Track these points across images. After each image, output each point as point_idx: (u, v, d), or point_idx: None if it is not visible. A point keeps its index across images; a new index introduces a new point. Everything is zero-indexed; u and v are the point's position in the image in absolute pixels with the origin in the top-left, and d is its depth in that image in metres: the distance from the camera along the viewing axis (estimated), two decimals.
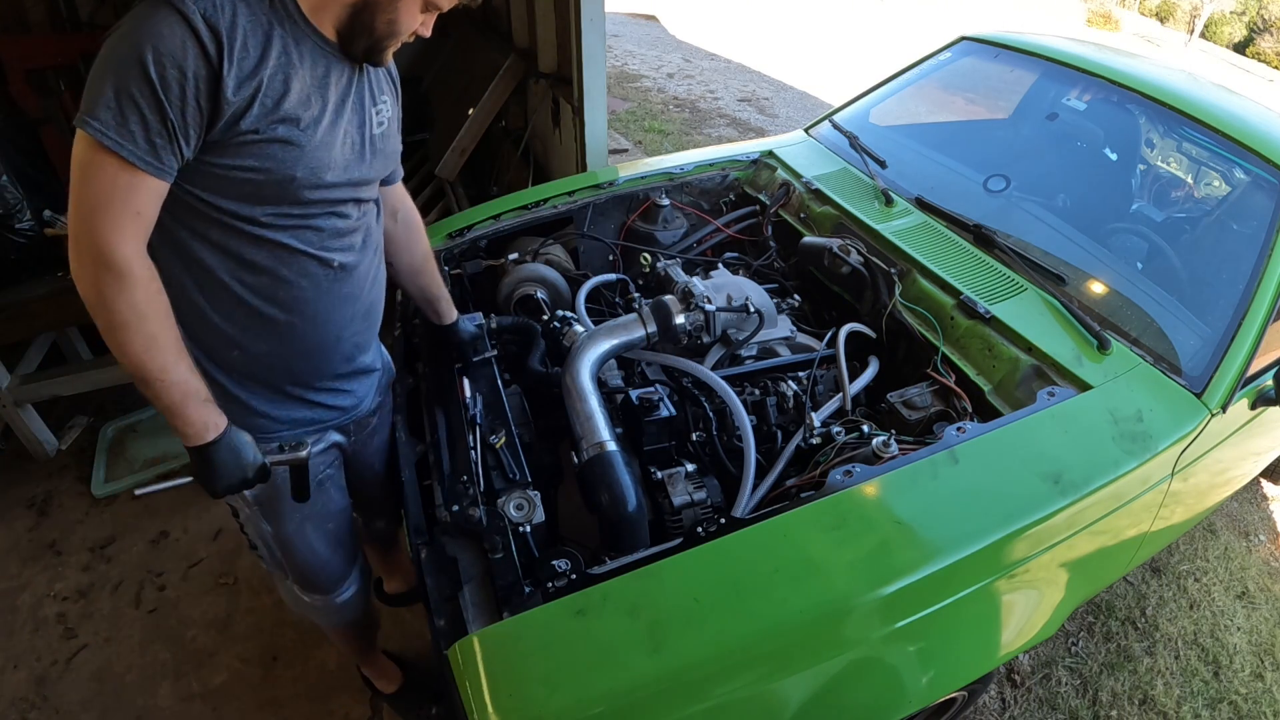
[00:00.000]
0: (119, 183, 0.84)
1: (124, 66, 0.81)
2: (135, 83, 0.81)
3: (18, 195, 2.13)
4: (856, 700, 1.11)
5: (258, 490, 1.13)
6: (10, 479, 2.32)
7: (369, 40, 0.97)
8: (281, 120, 0.92)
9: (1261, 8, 27.17)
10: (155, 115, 0.83)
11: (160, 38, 0.81)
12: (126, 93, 0.81)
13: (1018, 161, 2.11)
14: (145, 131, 0.83)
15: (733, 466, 1.36)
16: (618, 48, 8.01)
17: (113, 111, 0.82)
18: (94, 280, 0.87)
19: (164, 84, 0.82)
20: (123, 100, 0.82)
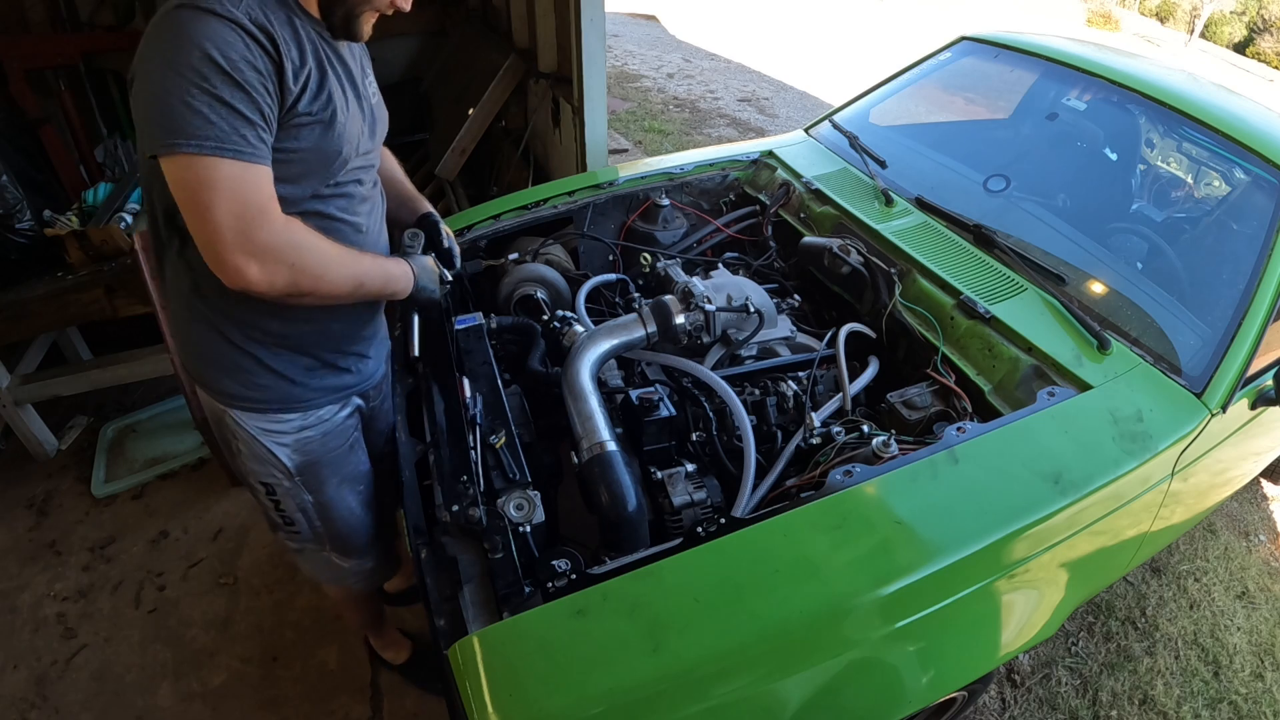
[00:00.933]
0: (247, 181, 0.89)
1: (200, 78, 0.84)
2: (222, 88, 0.85)
3: (18, 195, 2.13)
4: (856, 700, 1.11)
5: (299, 461, 1.22)
6: (10, 479, 2.33)
7: (344, 9, 1.00)
8: (325, 103, 0.99)
9: (1261, 8, 27.16)
10: (252, 110, 0.88)
11: (225, 43, 0.85)
12: (217, 99, 0.85)
13: (1018, 161, 2.11)
14: (250, 127, 0.88)
15: (733, 466, 1.36)
16: (618, 48, 8.00)
17: (212, 121, 0.85)
18: (284, 270, 0.93)
19: (248, 82, 0.87)
20: (216, 107, 0.85)
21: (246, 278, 0.91)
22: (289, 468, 1.23)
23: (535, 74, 2.95)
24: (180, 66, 0.84)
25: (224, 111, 0.86)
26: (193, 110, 0.84)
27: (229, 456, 1.25)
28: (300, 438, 1.21)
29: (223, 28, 0.85)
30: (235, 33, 0.86)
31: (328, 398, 1.22)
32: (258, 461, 1.21)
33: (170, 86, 0.84)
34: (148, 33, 0.88)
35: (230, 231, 0.88)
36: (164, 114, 0.85)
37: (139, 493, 2.28)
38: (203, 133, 0.85)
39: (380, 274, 1.12)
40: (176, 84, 0.84)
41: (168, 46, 0.85)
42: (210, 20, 0.85)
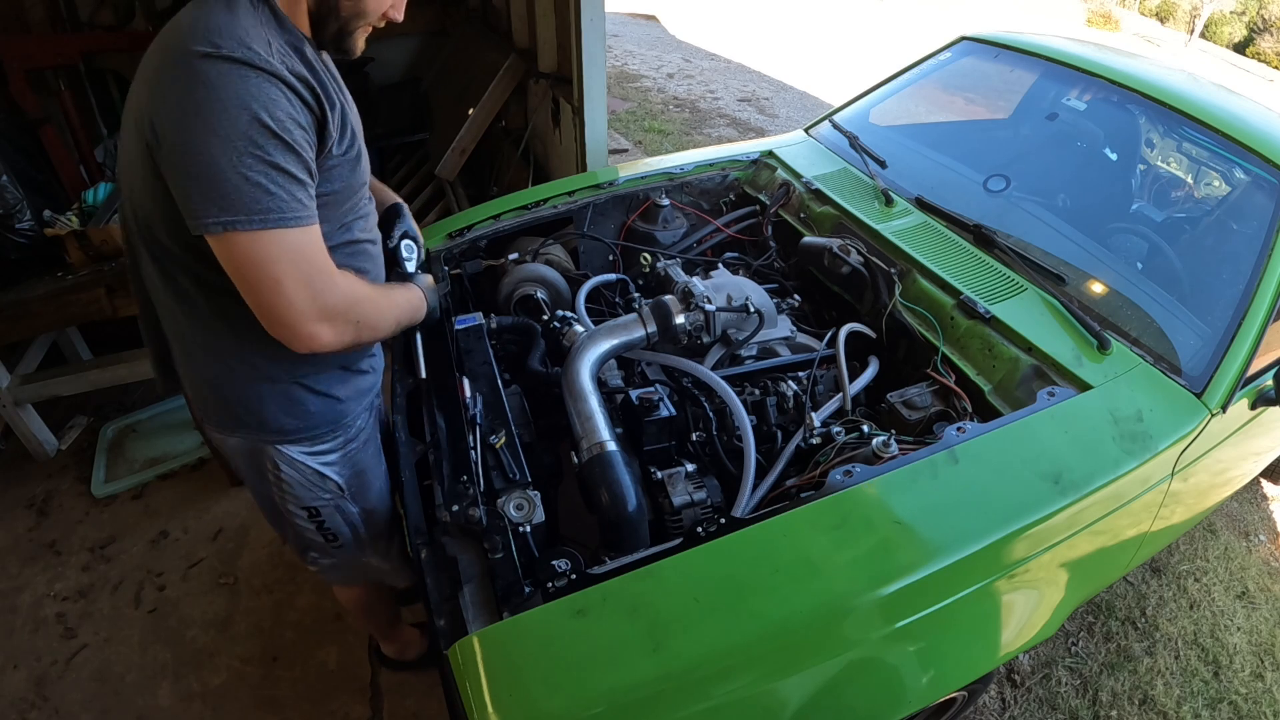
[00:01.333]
0: (310, 246, 0.87)
1: (253, 145, 0.80)
2: (276, 153, 0.82)
3: (18, 195, 2.13)
4: (856, 700, 1.11)
5: (349, 475, 1.23)
6: (10, 479, 2.33)
7: (336, 24, 0.96)
8: (351, 139, 0.98)
9: (1261, 8, 27.16)
10: (303, 171, 0.85)
11: (271, 102, 0.81)
12: (273, 166, 0.81)
13: (1018, 161, 2.11)
14: (303, 189, 0.86)
15: (733, 466, 1.36)
16: (618, 48, 8.00)
17: (272, 192, 0.82)
18: (351, 328, 0.95)
19: (296, 142, 0.84)
20: (274, 176, 0.81)
21: (321, 342, 0.90)
22: (341, 485, 1.23)
23: (535, 74, 2.95)
24: (229, 133, 0.79)
25: (281, 179, 0.82)
26: (250, 183, 0.80)
27: (267, 491, 1.22)
28: (347, 452, 1.22)
29: (267, 85, 0.81)
30: (279, 89, 0.82)
31: (359, 404, 1.22)
32: (307, 488, 1.19)
33: (220, 156, 0.79)
34: (172, 86, 0.80)
35: (303, 301, 0.87)
36: (217, 188, 0.79)
37: (139, 493, 2.28)
38: (265, 205, 0.81)
39: (409, 308, 1.14)
40: (227, 153, 0.79)
41: (209, 108, 0.78)
42: (251, 77, 0.80)
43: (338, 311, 0.91)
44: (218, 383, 1.07)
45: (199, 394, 1.12)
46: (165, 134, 0.81)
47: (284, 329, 0.88)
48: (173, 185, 0.83)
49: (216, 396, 1.09)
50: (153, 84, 0.83)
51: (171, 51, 0.82)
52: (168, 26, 0.86)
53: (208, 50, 0.79)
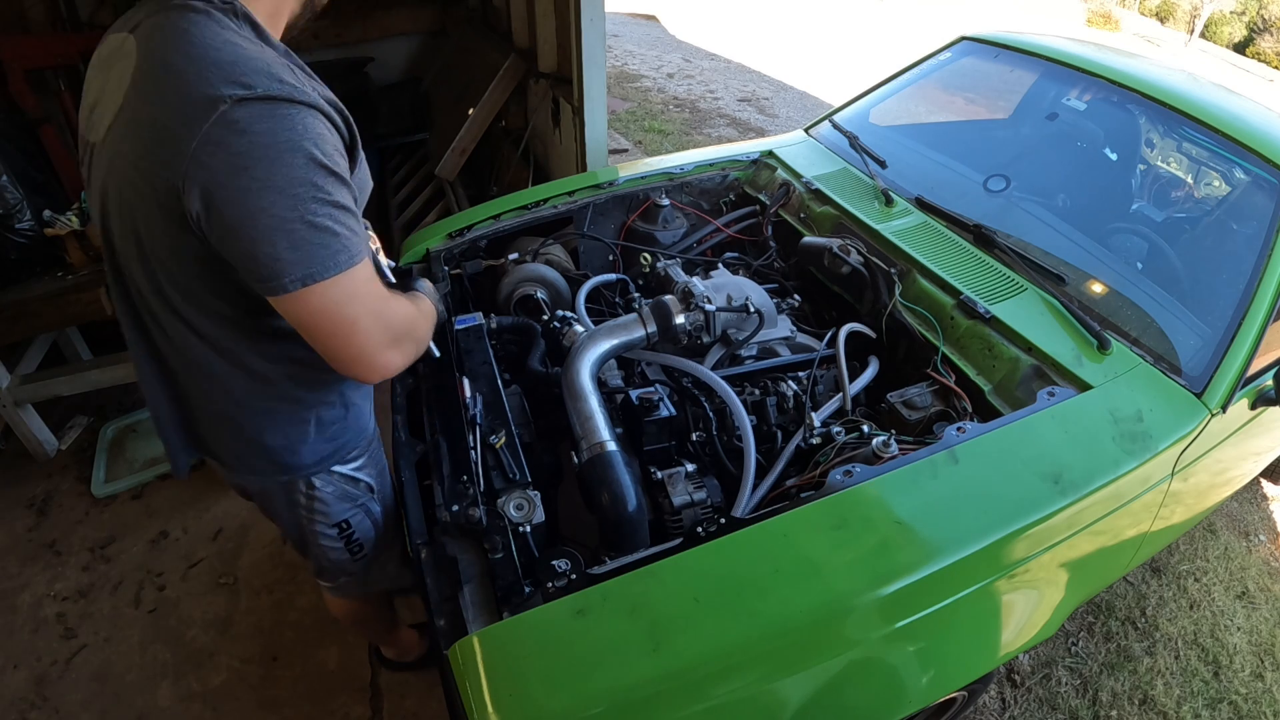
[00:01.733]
0: (370, 276, 0.84)
1: (313, 181, 0.76)
2: (333, 189, 0.78)
3: (18, 195, 2.13)
4: (856, 700, 1.11)
5: (375, 474, 1.23)
6: (10, 479, 2.33)
7: (298, 27, 0.96)
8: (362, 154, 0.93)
9: (1261, 8, 27.16)
10: (350, 199, 0.82)
11: (320, 137, 0.77)
12: (335, 204, 0.78)
13: (1018, 161, 2.11)
14: (356, 220, 0.82)
15: (733, 466, 1.36)
16: (618, 48, 8.00)
17: (339, 234, 0.78)
18: (412, 346, 0.95)
19: (343, 170, 0.81)
20: (335, 217, 0.78)
21: (393, 368, 0.89)
22: (372, 484, 1.23)
23: (535, 74, 2.95)
24: (288, 182, 0.74)
25: (342, 216, 0.79)
26: (319, 229, 0.76)
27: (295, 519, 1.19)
28: (372, 453, 1.22)
29: (310, 119, 0.77)
30: (319, 120, 0.78)
31: (367, 404, 1.21)
32: (340, 500, 1.18)
33: (286, 210, 0.74)
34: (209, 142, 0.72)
35: (378, 333, 0.85)
36: (288, 244, 0.75)
37: (139, 493, 2.28)
38: (335, 249, 0.78)
39: (434, 314, 1.11)
40: (292, 204, 0.74)
41: (261, 161, 0.73)
42: (294, 114, 0.75)
43: (402, 333, 0.91)
44: (255, 433, 1.04)
45: (232, 449, 1.08)
46: (214, 198, 0.74)
47: (360, 365, 0.86)
48: (230, 251, 0.77)
49: (254, 446, 1.06)
50: (175, 139, 0.73)
51: (191, 101, 0.73)
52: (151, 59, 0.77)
53: (241, 95, 0.73)
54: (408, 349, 0.93)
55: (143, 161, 0.77)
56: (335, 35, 3.78)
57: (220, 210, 0.74)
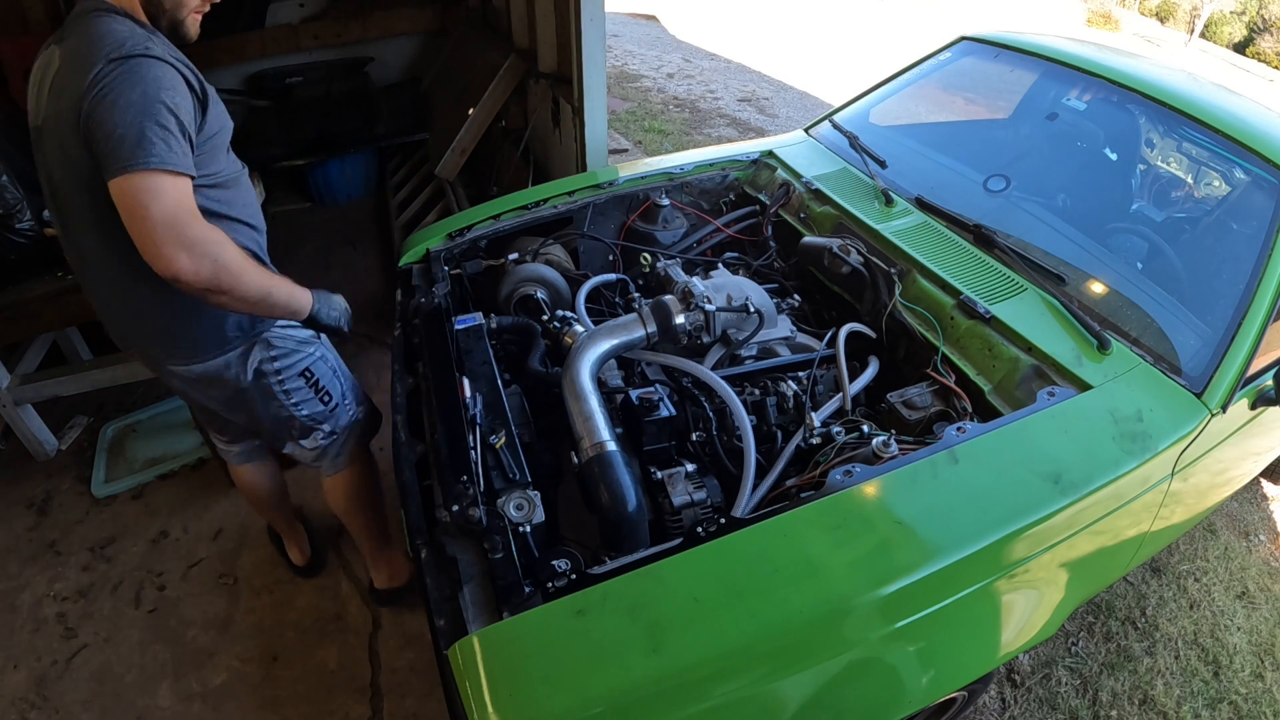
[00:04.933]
0: (179, 189, 1.06)
1: (155, 114, 1.04)
2: (169, 121, 1.05)
3: (18, 195, 2.13)
4: (856, 700, 1.11)
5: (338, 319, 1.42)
6: (10, 479, 2.32)
7: (166, 20, 1.17)
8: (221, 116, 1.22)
9: (1261, 8, 27.16)
10: (185, 138, 1.08)
11: (174, 89, 1.07)
12: (166, 129, 1.04)
13: (1018, 161, 2.11)
14: (183, 149, 1.07)
15: (733, 466, 1.36)
16: (618, 48, 8.00)
17: (162, 145, 1.03)
18: (209, 262, 1.08)
19: (187, 114, 1.09)
20: (165, 136, 1.04)
21: (179, 267, 1.06)
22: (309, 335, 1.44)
23: (535, 74, 2.95)
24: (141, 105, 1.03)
25: (173, 141, 1.06)
26: (150, 140, 1.03)
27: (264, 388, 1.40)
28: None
29: (170, 72, 1.08)
30: (178, 77, 1.09)
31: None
32: (298, 353, 1.42)
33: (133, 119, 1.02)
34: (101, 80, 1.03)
35: (166, 227, 1.04)
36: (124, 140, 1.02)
37: (139, 493, 2.28)
38: (161, 155, 1.03)
39: (285, 290, 1.27)
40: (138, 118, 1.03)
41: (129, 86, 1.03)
42: (158, 67, 1.06)
43: (195, 242, 1.07)
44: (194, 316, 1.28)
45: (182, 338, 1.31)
46: (92, 117, 1.03)
47: (148, 253, 1.05)
48: (95, 149, 1.04)
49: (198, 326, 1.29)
50: (78, 91, 1.04)
51: (85, 68, 1.04)
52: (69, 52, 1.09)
53: (114, 55, 1.04)
54: (200, 261, 1.07)
55: (65, 114, 1.07)
56: (335, 35, 3.78)
57: (92, 120, 1.03)
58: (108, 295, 1.30)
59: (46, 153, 1.17)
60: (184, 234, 1.06)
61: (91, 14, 1.11)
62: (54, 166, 1.17)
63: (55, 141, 1.13)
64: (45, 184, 1.22)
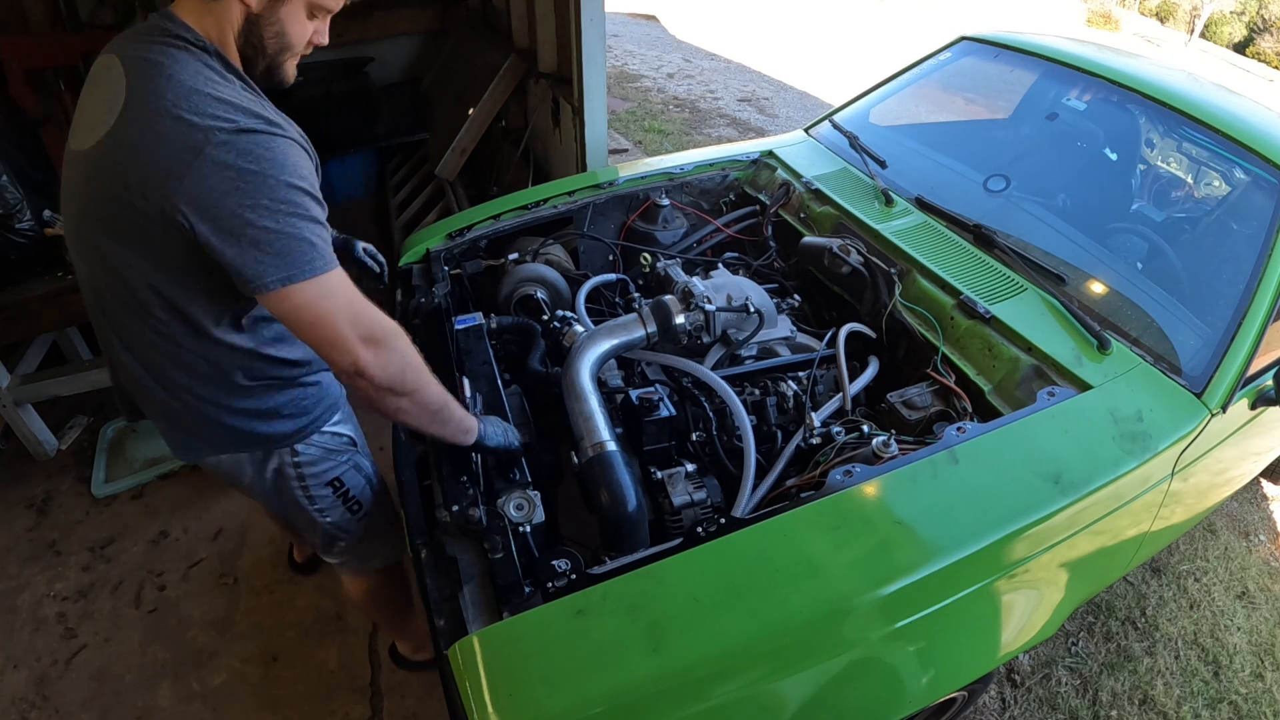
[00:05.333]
0: (344, 279, 0.95)
1: (304, 208, 0.90)
2: (312, 206, 0.92)
3: (18, 195, 2.13)
4: (856, 700, 1.11)
5: (353, 429, 1.30)
6: (10, 479, 2.32)
7: (264, 62, 1.01)
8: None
9: (1261, 8, 27.16)
10: (324, 215, 0.95)
11: (296, 164, 0.91)
12: (312, 219, 0.91)
13: (1018, 161, 2.11)
14: (328, 233, 0.96)
15: (733, 466, 1.36)
16: (618, 48, 8.00)
17: (322, 244, 0.92)
18: (397, 357, 0.98)
19: (316, 191, 0.94)
20: (320, 231, 0.93)
21: (364, 363, 0.95)
22: (354, 436, 1.30)
23: (535, 74, 2.95)
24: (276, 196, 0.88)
25: (319, 234, 0.92)
26: (301, 243, 0.90)
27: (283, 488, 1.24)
28: (345, 409, 1.29)
29: (293, 148, 0.91)
30: (298, 149, 0.93)
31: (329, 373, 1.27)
32: (329, 460, 1.25)
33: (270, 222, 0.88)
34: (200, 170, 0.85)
35: (349, 326, 0.94)
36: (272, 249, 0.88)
37: (139, 493, 2.28)
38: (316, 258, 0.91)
39: (459, 414, 1.12)
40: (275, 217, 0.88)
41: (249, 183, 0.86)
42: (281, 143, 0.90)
43: (383, 336, 0.97)
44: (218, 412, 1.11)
45: (198, 427, 1.14)
46: (208, 214, 0.86)
47: (339, 351, 0.94)
48: (222, 255, 0.88)
49: (218, 424, 1.13)
50: (166, 169, 0.86)
51: (180, 142, 0.85)
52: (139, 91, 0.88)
53: (224, 129, 0.86)
54: (381, 351, 0.96)
55: (137, 179, 0.87)
56: (335, 35, 3.74)
57: (213, 225, 0.87)
58: (127, 363, 1.12)
59: (83, 192, 0.96)
60: (371, 329, 0.95)
61: (169, 42, 0.91)
62: (88, 220, 0.97)
63: (96, 196, 0.93)
64: (71, 218, 1.01)
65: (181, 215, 0.86)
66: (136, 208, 0.89)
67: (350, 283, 0.96)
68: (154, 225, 0.89)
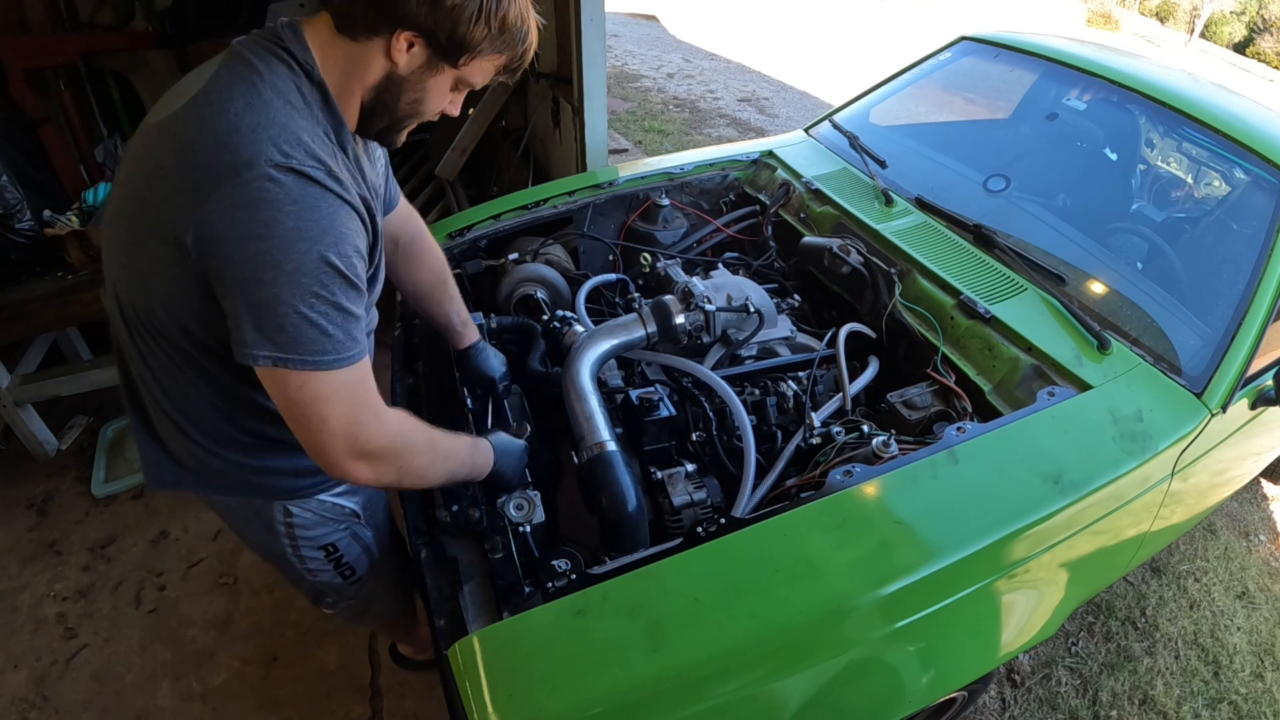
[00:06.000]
0: (355, 382, 0.82)
1: (319, 279, 0.76)
2: (340, 291, 0.78)
3: (18, 195, 2.13)
4: (856, 700, 1.11)
5: (364, 499, 1.17)
6: (10, 479, 2.32)
7: (388, 120, 0.91)
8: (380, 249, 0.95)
9: (1261, 8, 27.17)
10: (359, 305, 0.81)
11: (341, 237, 0.77)
12: (335, 306, 0.78)
13: (1018, 161, 2.11)
14: (359, 325, 0.82)
15: (733, 466, 1.36)
16: (618, 48, 8.00)
17: (339, 334, 0.78)
18: (393, 470, 0.88)
19: (358, 275, 0.81)
20: (332, 318, 0.78)
21: (356, 478, 0.86)
22: (358, 510, 1.18)
23: (535, 74, 2.95)
24: (296, 269, 0.74)
25: (340, 319, 0.78)
26: (311, 324, 0.76)
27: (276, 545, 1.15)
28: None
29: (340, 212, 0.78)
30: (349, 216, 0.79)
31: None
32: (322, 524, 1.13)
33: (284, 292, 0.74)
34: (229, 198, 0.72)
35: (344, 440, 0.82)
36: (274, 324, 0.75)
37: (139, 493, 2.28)
38: (321, 348, 0.77)
39: (468, 464, 1.03)
40: (291, 290, 0.74)
41: (278, 237, 0.73)
42: (322, 203, 0.76)
43: (380, 453, 0.86)
44: (223, 454, 1.01)
45: (199, 465, 1.03)
46: (220, 249, 0.74)
47: (321, 459, 0.84)
48: (223, 300, 0.78)
49: (219, 467, 1.02)
50: (194, 183, 0.74)
51: (223, 152, 0.73)
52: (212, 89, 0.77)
53: (276, 160, 0.73)
54: (383, 471, 0.88)
55: (168, 180, 0.77)
56: None
57: (225, 260, 0.74)
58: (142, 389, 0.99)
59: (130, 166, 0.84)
60: (367, 446, 0.84)
61: (275, 51, 0.80)
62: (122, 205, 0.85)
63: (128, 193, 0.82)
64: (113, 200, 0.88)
65: (186, 242, 0.75)
66: (157, 206, 0.78)
67: (364, 385, 0.84)
68: (162, 233, 0.78)
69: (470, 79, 0.90)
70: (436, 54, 0.85)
